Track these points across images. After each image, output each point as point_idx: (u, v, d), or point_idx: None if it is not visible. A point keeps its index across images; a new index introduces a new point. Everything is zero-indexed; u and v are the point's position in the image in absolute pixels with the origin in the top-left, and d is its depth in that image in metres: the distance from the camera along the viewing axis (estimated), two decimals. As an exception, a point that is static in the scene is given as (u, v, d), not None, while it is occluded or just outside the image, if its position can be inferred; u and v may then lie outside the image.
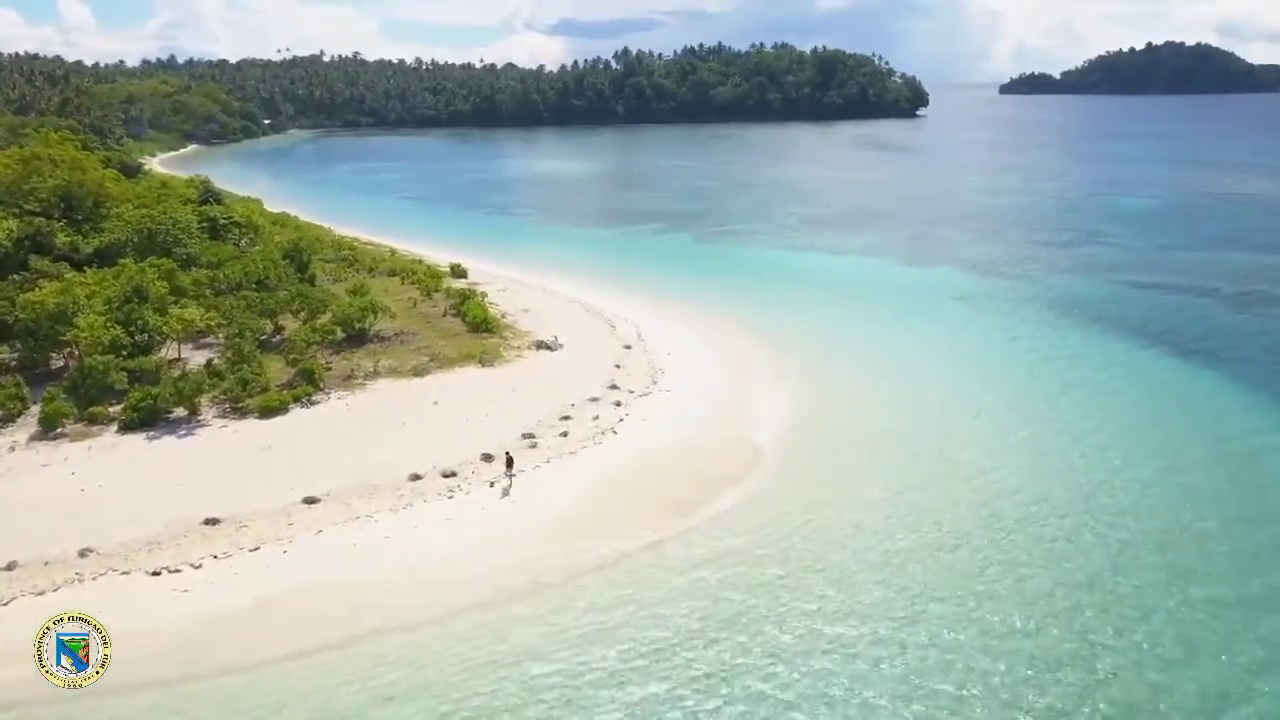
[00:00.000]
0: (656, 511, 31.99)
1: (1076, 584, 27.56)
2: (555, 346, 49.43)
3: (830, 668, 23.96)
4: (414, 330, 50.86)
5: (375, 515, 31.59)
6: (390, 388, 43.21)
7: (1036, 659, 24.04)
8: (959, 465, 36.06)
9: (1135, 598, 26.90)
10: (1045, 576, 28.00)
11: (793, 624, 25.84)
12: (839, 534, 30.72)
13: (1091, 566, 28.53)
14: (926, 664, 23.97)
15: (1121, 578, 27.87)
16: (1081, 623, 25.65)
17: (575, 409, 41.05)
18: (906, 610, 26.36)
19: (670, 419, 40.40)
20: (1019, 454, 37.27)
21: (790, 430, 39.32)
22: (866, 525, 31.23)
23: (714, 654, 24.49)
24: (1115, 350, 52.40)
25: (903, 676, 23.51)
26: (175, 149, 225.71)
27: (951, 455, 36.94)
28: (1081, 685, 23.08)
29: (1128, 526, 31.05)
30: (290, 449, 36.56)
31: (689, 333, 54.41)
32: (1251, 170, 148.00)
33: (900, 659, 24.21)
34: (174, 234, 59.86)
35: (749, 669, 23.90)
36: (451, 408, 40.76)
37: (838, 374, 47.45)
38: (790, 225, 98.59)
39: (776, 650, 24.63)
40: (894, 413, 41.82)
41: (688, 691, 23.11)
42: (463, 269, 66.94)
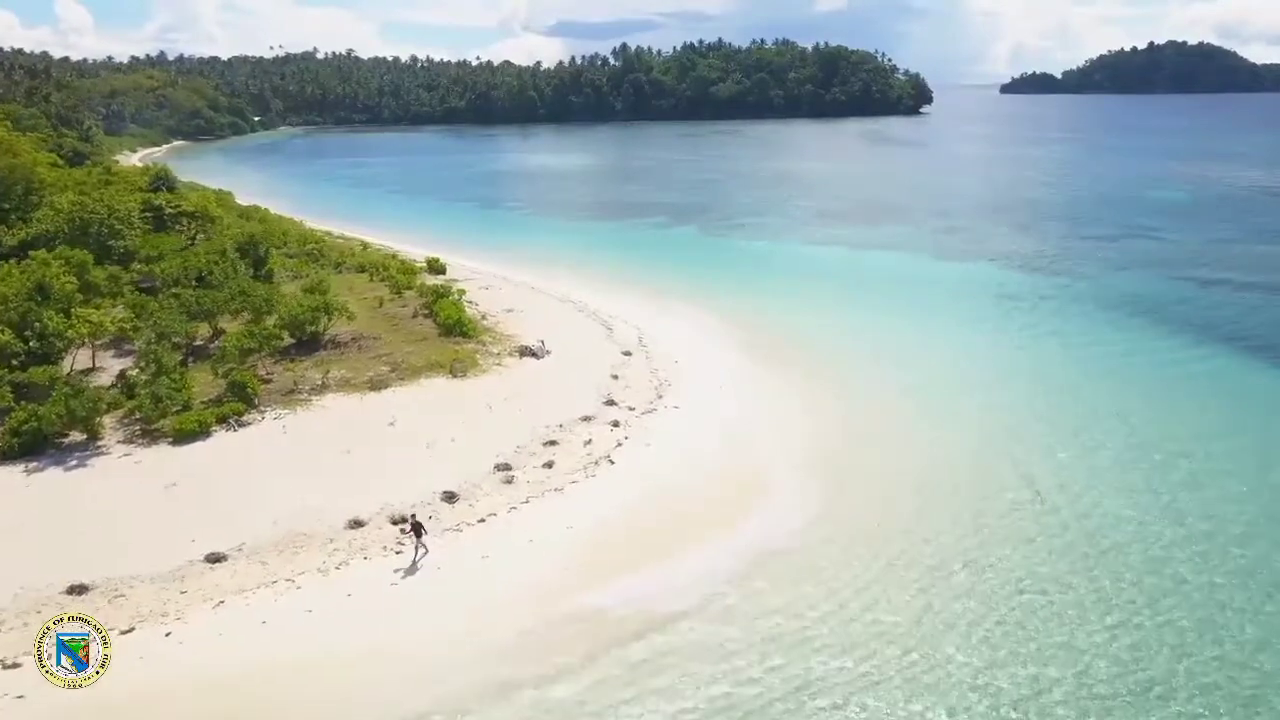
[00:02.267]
0: (664, 577, 24.46)
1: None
2: (542, 353, 41.88)
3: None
4: (376, 334, 43.30)
5: (298, 578, 24.07)
6: (339, 405, 35.60)
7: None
8: (1056, 506, 28.51)
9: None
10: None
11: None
12: (911, 614, 23.17)
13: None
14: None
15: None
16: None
17: (564, 431, 33.53)
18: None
19: (679, 443, 32.84)
20: (1111, 482, 29.77)
21: (830, 460, 31.72)
22: (954, 616, 23.61)
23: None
24: (1190, 354, 45.15)
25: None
26: (158, 144, 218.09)
27: (1037, 491, 29.41)
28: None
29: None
30: (202, 486, 28.99)
31: (698, 336, 46.95)
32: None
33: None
34: (109, 224, 52.43)
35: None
36: (411, 430, 33.17)
37: (878, 386, 39.88)
38: (804, 218, 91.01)
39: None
40: (955, 436, 34.25)
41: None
42: (441, 264, 59.39)
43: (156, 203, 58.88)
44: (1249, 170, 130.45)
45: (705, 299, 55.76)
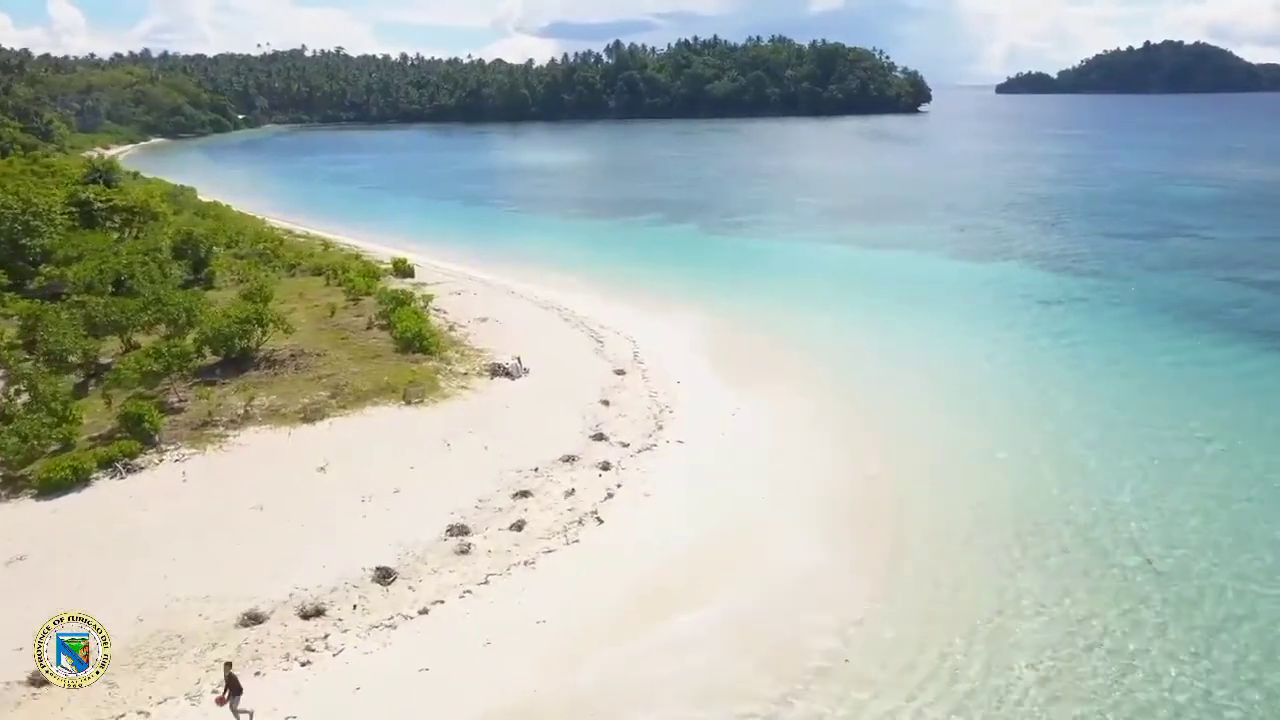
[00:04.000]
0: (673, 700, 17.56)
1: None
2: (518, 372, 34.92)
3: None
4: (320, 350, 36.26)
5: (154, 712, 17.11)
6: (261, 443, 28.57)
7: None
8: (1169, 573, 21.69)
9: None
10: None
11: None
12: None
13: None
14: None
15: None
16: None
17: (539, 477, 26.62)
18: None
19: (686, 492, 25.94)
20: (1219, 533, 22.97)
21: (876, 511, 24.86)
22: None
23: None
24: (1260, 364, 38.80)
25: None
26: (134, 141, 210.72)
27: (1146, 559, 22.57)
28: None
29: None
30: (57, 560, 21.98)
31: (702, 349, 40.13)
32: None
33: None
34: (24, 220, 45.44)
35: None
36: (346, 478, 26.19)
37: (913, 408, 33.03)
38: (810, 215, 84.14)
39: None
40: (1015, 471, 27.42)
41: None
42: (408, 265, 52.34)
43: (84, 196, 51.69)
44: (1272, 167, 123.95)
45: (709, 304, 48.96)
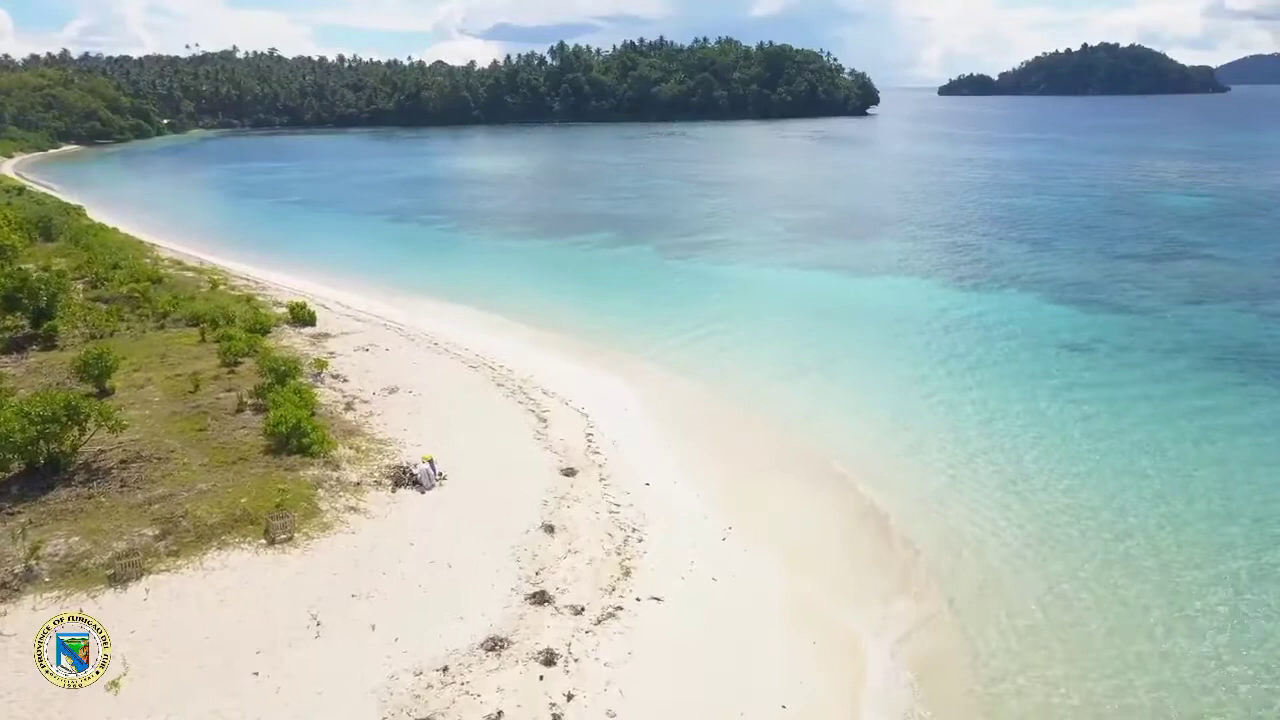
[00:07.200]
0: None
1: None
2: (430, 481, 25.80)
3: None
4: (166, 452, 26.80)
5: None
6: (32, 628, 19.13)
7: None
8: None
9: None
10: None
11: None
12: None
13: None
14: None
15: None
16: None
17: (448, 683, 17.68)
18: None
19: (673, 707, 17.28)
20: None
21: (949, 685, 16.57)
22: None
23: None
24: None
25: None
26: (43, 148, 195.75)
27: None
28: None
29: None
30: None
31: (671, 423, 31.77)
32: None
33: None
34: None
35: None
36: (148, 690, 16.97)
37: (956, 514, 24.85)
38: (779, 233, 76.11)
39: None
40: (1087, 581, 19.35)
41: None
42: (308, 312, 42.79)
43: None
44: (1258, 172, 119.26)
45: (676, 357, 40.54)
